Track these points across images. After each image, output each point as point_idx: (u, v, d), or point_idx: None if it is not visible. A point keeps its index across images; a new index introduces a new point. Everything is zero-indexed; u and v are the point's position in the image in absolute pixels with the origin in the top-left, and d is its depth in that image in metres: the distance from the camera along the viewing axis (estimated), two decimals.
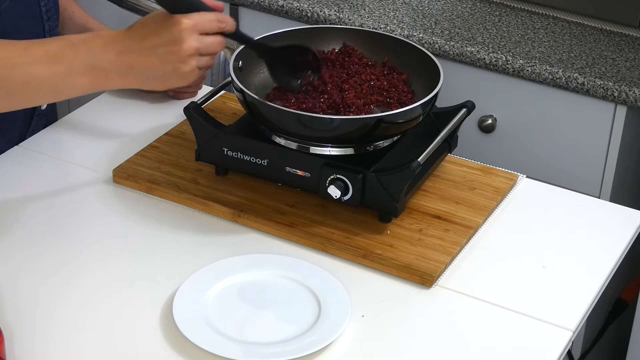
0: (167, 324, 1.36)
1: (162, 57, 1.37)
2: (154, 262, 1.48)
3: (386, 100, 1.57)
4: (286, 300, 1.41)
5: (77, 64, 1.37)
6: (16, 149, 1.70)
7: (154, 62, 1.37)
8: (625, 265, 1.74)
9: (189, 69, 1.37)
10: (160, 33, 1.36)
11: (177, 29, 1.36)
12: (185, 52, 1.36)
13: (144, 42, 1.37)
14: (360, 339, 1.36)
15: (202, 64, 1.39)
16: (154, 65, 1.37)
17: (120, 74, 1.37)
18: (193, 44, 1.36)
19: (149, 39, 1.37)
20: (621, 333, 2.40)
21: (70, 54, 1.37)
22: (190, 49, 1.36)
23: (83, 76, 1.37)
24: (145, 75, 1.38)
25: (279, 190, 1.59)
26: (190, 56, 1.37)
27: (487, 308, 1.42)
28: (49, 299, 1.40)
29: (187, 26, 1.36)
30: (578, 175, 2.18)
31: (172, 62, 1.37)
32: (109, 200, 1.59)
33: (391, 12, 2.32)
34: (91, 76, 1.37)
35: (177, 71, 1.37)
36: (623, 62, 2.15)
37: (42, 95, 1.41)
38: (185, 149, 1.67)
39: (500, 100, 2.21)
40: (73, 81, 1.37)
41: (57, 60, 1.37)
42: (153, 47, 1.37)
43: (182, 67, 1.37)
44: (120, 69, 1.37)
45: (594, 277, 1.49)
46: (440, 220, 1.55)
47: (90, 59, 1.37)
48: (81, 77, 1.37)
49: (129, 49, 1.37)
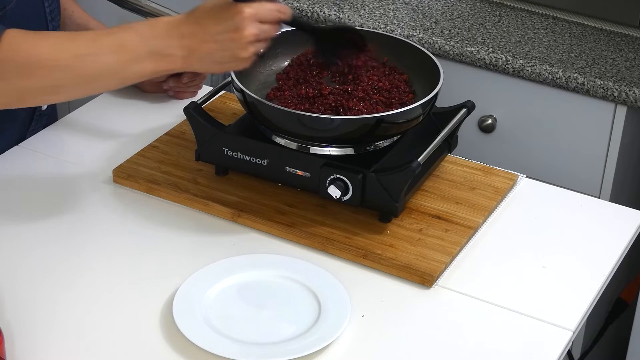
0: (167, 324, 1.36)
1: (223, 44, 1.40)
2: (154, 262, 1.48)
3: (388, 101, 1.57)
4: (286, 300, 1.41)
5: (141, 51, 1.41)
6: (16, 149, 1.70)
7: (215, 48, 1.41)
8: (625, 265, 1.74)
9: (248, 55, 1.41)
10: (222, 20, 1.40)
11: (239, 17, 1.39)
12: (246, 39, 1.40)
13: (206, 28, 1.41)
14: (360, 339, 1.36)
15: (259, 49, 1.43)
16: (214, 51, 1.41)
17: (182, 57, 1.42)
18: (253, 31, 1.40)
19: (211, 26, 1.40)
20: (621, 333, 2.40)
21: (136, 41, 1.41)
22: (250, 36, 1.40)
23: (147, 61, 1.41)
24: (206, 59, 1.42)
25: (279, 190, 1.59)
26: (250, 43, 1.40)
27: (487, 308, 1.42)
28: (49, 299, 1.40)
29: (248, 15, 1.39)
30: (578, 175, 2.18)
31: (232, 49, 1.40)
32: (109, 200, 1.59)
33: (391, 12, 2.32)
34: (155, 61, 1.41)
35: (236, 57, 1.41)
36: (623, 62, 2.15)
37: (108, 83, 1.47)
38: (185, 149, 1.67)
39: (500, 100, 2.21)
40: (138, 67, 1.42)
41: (123, 48, 1.41)
42: (215, 34, 1.40)
43: (241, 53, 1.41)
44: (182, 53, 1.41)
45: (594, 277, 1.49)
46: (440, 220, 1.55)
47: (154, 44, 1.41)
48: (146, 63, 1.42)
49: (192, 34, 1.41)
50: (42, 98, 1.48)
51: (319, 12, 2.30)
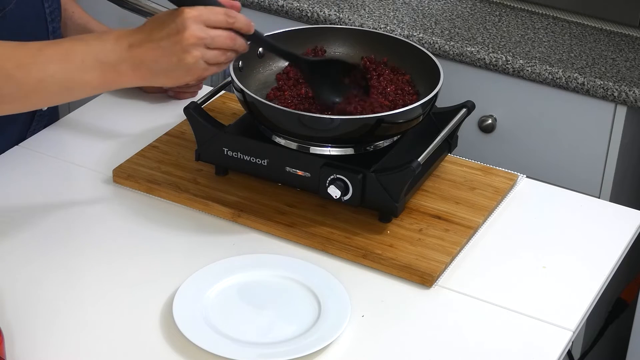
0: (167, 324, 1.36)
1: (166, 49, 1.37)
2: (154, 262, 1.48)
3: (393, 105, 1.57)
4: (286, 300, 1.41)
5: (88, 60, 1.37)
6: (16, 149, 1.70)
7: (160, 54, 1.37)
8: (625, 265, 1.74)
9: (193, 59, 1.37)
10: (165, 25, 1.37)
11: (180, 19, 1.36)
12: (187, 40, 1.36)
13: (151, 35, 1.37)
14: (360, 339, 1.36)
15: (209, 57, 1.38)
16: (160, 58, 1.37)
17: (131, 68, 1.38)
18: (195, 33, 1.36)
19: (155, 32, 1.37)
20: (621, 333, 2.40)
21: (83, 50, 1.38)
22: (192, 37, 1.36)
23: (94, 71, 1.37)
24: (154, 69, 1.38)
25: (279, 190, 1.59)
26: (192, 45, 1.36)
27: (487, 308, 1.42)
28: (49, 299, 1.40)
29: (190, 16, 1.36)
30: (578, 175, 2.18)
31: (176, 53, 1.36)
32: (109, 200, 1.59)
33: (391, 12, 2.32)
34: (102, 71, 1.37)
35: (182, 62, 1.37)
36: (623, 62, 2.15)
37: (55, 94, 1.41)
38: (185, 149, 1.67)
39: (500, 100, 2.21)
40: (84, 77, 1.38)
41: (68, 57, 1.38)
42: (159, 40, 1.37)
43: (185, 57, 1.36)
44: (131, 64, 1.37)
45: (594, 277, 1.49)
46: (440, 220, 1.55)
47: (101, 54, 1.37)
48: (92, 73, 1.37)
49: (138, 43, 1.38)
50: None
51: (319, 12, 2.30)
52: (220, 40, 1.38)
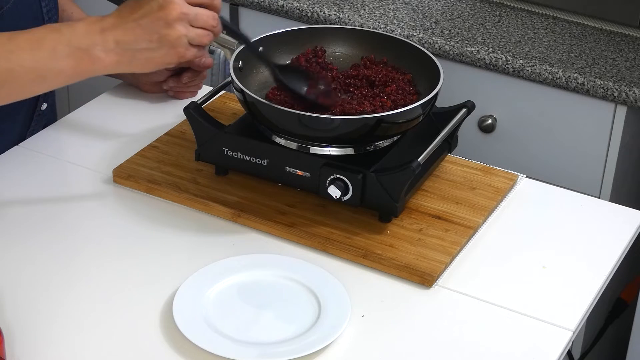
0: (167, 324, 1.36)
1: (147, 27, 1.33)
2: (154, 262, 1.48)
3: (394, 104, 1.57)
4: (286, 300, 1.41)
5: (60, 47, 1.34)
6: (16, 149, 1.70)
7: (139, 33, 1.33)
8: (625, 265, 1.74)
9: (176, 34, 1.33)
10: (144, 4, 1.34)
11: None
12: (171, 14, 1.32)
13: (129, 16, 1.34)
14: (360, 339, 1.36)
15: (192, 35, 1.35)
16: (139, 37, 1.33)
17: (105, 51, 1.34)
18: (179, 8, 1.33)
19: (134, 13, 1.34)
20: (621, 333, 2.40)
21: (54, 37, 1.34)
22: (176, 11, 1.32)
23: (67, 59, 1.34)
24: (132, 50, 1.34)
25: (279, 190, 1.59)
26: (176, 19, 1.33)
27: (487, 308, 1.42)
28: (49, 299, 1.40)
29: None
30: (578, 175, 2.18)
31: (158, 29, 1.33)
32: (109, 200, 1.59)
33: (391, 12, 2.32)
34: (75, 58, 1.34)
35: (164, 39, 1.33)
36: (623, 62, 2.16)
37: (27, 84, 1.37)
38: (185, 149, 1.67)
39: (500, 100, 2.21)
40: (56, 65, 1.34)
41: (40, 44, 1.34)
42: (138, 19, 1.33)
43: (169, 33, 1.33)
44: (104, 47, 1.34)
45: (594, 277, 1.49)
46: (440, 220, 1.55)
47: (74, 39, 1.34)
48: (65, 60, 1.34)
49: (113, 26, 1.34)
50: None
51: (319, 12, 2.30)
52: (204, 18, 1.36)
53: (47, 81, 1.37)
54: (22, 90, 1.39)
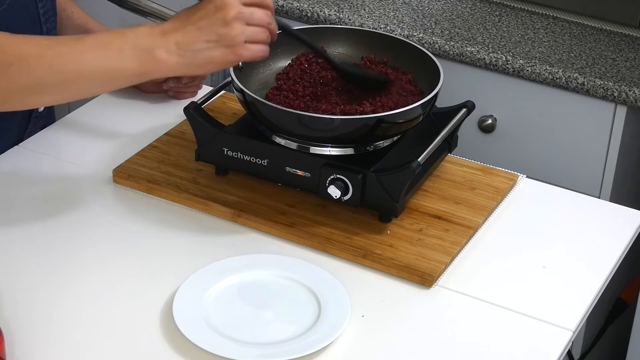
0: (167, 324, 1.36)
1: (205, 29, 1.38)
2: (154, 262, 1.48)
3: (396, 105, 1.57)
4: (286, 300, 1.41)
5: (125, 49, 1.39)
6: (16, 149, 1.70)
7: (198, 35, 1.38)
8: (625, 265, 1.74)
9: (234, 33, 1.37)
10: (200, 8, 1.39)
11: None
12: (228, 15, 1.37)
13: (187, 19, 1.39)
14: (360, 339, 1.36)
15: (249, 33, 1.39)
16: (198, 38, 1.38)
17: (168, 53, 1.38)
18: (236, 8, 1.37)
19: (192, 16, 1.39)
20: (621, 333, 2.40)
21: (119, 39, 1.39)
22: (232, 11, 1.37)
23: (131, 59, 1.39)
24: (192, 51, 1.39)
25: (279, 190, 1.59)
26: (234, 19, 1.37)
27: (487, 308, 1.42)
28: (49, 299, 1.40)
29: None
30: (578, 175, 2.18)
31: (216, 29, 1.37)
32: (109, 200, 1.59)
33: (391, 12, 2.32)
34: (139, 59, 1.39)
35: (223, 38, 1.38)
36: (623, 62, 2.15)
37: (94, 84, 1.42)
38: (185, 149, 1.67)
39: (500, 100, 2.21)
40: (122, 65, 1.39)
41: (106, 46, 1.39)
42: (196, 21, 1.38)
43: (227, 32, 1.37)
44: (166, 49, 1.38)
45: (594, 277, 1.49)
46: (440, 220, 1.55)
47: (137, 40, 1.39)
48: (130, 61, 1.39)
49: (174, 29, 1.39)
50: (28, 99, 1.43)
51: (319, 12, 2.30)
52: (259, 15, 1.40)
53: (113, 81, 1.43)
54: (88, 90, 1.45)
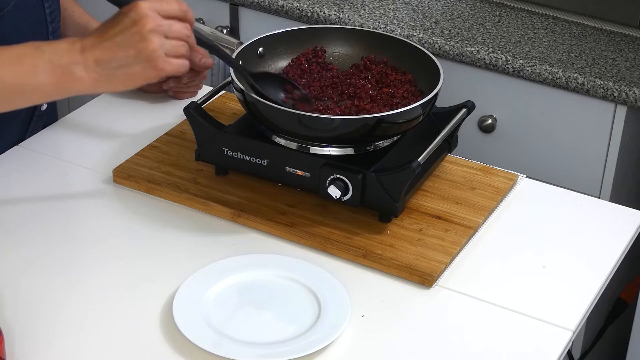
0: (167, 324, 1.36)
1: (123, 43, 1.34)
2: (154, 262, 1.48)
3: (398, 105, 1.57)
4: (286, 300, 1.41)
5: (41, 63, 1.35)
6: (16, 149, 1.70)
7: (116, 50, 1.35)
8: (625, 265, 1.74)
9: (152, 47, 1.34)
10: (119, 21, 1.35)
11: (134, 11, 1.35)
12: (144, 28, 1.34)
13: (105, 34, 1.36)
14: (360, 339, 1.36)
15: (168, 47, 1.35)
16: (116, 54, 1.35)
17: (86, 70, 1.35)
18: (153, 21, 1.34)
19: (109, 31, 1.36)
20: (621, 333, 2.40)
21: (35, 54, 1.36)
22: (149, 24, 1.34)
23: (47, 75, 1.35)
24: (110, 68, 1.35)
25: (279, 190, 1.59)
26: (150, 32, 1.34)
27: (487, 308, 1.42)
28: (49, 299, 1.40)
29: (144, 6, 1.35)
30: (578, 175, 2.18)
31: (134, 44, 1.34)
32: (109, 200, 1.59)
33: (391, 12, 2.32)
34: (55, 75, 1.35)
35: (141, 53, 1.34)
36: (623, 62, 2.16)
37: (6, 99, 1.38)
38: (185, 149, 1.67)
39: (500, 100, 2.21)
40: (37, 81, 1.35)
41: (20, 60, 1.36)
42: (113, 36, 1.35)
43: (144, 46, 1.34)
44: (84, 66, 1.35)
45: (594, 277, 1.49)
46: (440, 220, 1.55)
47: (54, 57, 1.35)
48: (45, 76, 1.35)
49: (93, 45, 1.36)
50: None
51: (319, 12, 2.30)
52: (177, 28, 1.37)
53: (26, 96, 1.38)
54: (2, 104, 1.40)
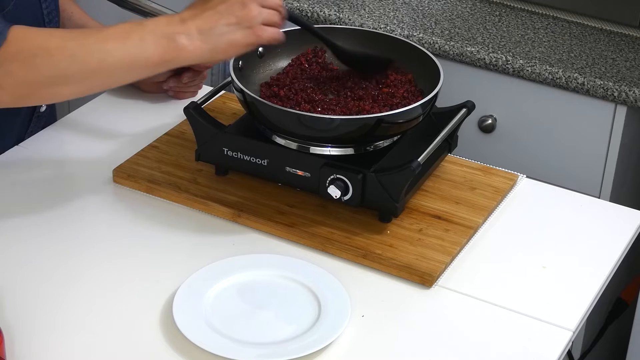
0: (167, 324, 1.36)
1: (224, 12, 1.42)
2: (154, 262, 1.48)
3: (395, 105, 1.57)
4: (286, 300, 1.41)
5: (147, 37, 1.41)
6: (16, 149, 1.70)
7: (217, 18, 1.42)
8: (625, 265, 1.74)
9: (253, 14, 1.42)
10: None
11: None
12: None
13: (205, 5, 1.43)
14: (360, 339, 1.36)
15: (266, 15, 1.43)
16: (217, 22, 1.42)
17: (189, 39, 1.41)
18: None
19: (210, 1, 1.43)
20: (621, 333, 2.40)
21: (140, 29, 1.42)
22: None
23: (153, 47, 1.41)
24: (214, 36, 1.42)
25: (279, 190, 1.59)
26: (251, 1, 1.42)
27: (487, 308, 1.42)
28: (49, 299, 1.40)
29: None
30: (578, 175, 2.18)
31: (235, 12, 1.41)
32: (109, 200, 1.59)
33: (391, 12, 2.32)
34: (161, 46, 1.41)
35: (242, 20, 1.41)
36: (623, 62, 2.16)
37: (117, 74, 1.44)
38: (185, 149, 1.67)
39: (500, 100, 2.21)
40: (145, 54, 1.42)
41: (128, 35, 1.42)
42: (214, 6, 1.42)
43: (246, 13, 1.41)
44: (187, 35, 1.41)
45: (594, 277, 1.49)
46: (440, 220, 1.55)
47: (158, 30, 1.42)
48: (152, 49, 1.41)
49: (192, 15, 1.43)
50: (53, 90, 1.44)
51: (319, 12, 2.30)
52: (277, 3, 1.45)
53: (135, 70, 1.45)
54: (112, 80, 1.48)
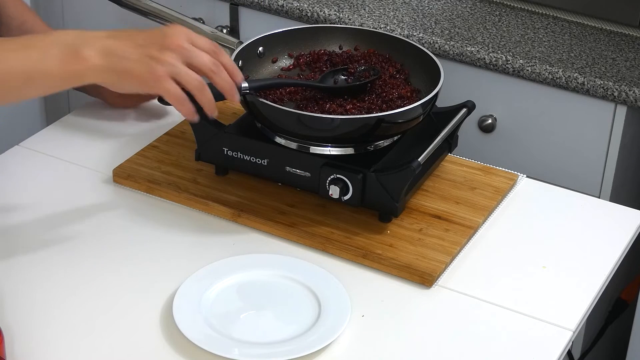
0: (167, 324, 1.36)
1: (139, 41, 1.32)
2: (154, 262, 1.48)
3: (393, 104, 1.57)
4: (286, 300, 1.41)
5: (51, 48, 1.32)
6: (16, 149, 1.70)
7: (128, 44, 1.32)
8: (625, 265, 1.74)
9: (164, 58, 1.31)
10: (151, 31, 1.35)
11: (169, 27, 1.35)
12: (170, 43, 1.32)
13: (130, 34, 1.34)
14: (360, 339, 1.36)
15: (179, 72, 1.33)
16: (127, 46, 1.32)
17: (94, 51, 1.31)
18: (181, 42, 1.33)
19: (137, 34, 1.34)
20: (621, 333, 2.40)
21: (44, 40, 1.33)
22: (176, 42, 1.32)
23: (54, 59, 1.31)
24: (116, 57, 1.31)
25: (279, 190, 1.59)
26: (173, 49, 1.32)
27: (487, 308, 1.42)
28: (49, 299, 1.40)
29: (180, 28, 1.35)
30: (578, 175, 2.18)
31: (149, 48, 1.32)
32: (109, 200, 1.59)
33: (391, 12, 2.32)
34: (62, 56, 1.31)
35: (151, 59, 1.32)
36: (623, 62, 2.15)
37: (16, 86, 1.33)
38: (185, 149, 1.67)
39: (500, 100, 2.21)
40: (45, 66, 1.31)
41: (30, 46, 1.33)
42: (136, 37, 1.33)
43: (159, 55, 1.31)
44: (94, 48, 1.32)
45: (594, 277, 1.49)
46: (440, 220, 1.55)
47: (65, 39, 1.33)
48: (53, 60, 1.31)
49: (109, 36, 1.34)
50: None
51: (319, 12, 2.30)
52: (203, 61, 1.34)
53: (35, 82, 1.34)
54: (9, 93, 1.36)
